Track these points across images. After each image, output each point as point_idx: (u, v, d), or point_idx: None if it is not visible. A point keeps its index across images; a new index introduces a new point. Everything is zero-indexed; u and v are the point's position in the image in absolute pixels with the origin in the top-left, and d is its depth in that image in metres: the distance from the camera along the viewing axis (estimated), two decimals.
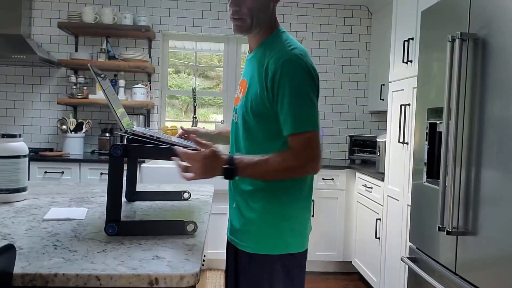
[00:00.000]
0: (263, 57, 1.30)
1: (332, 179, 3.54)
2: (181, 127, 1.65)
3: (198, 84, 4.26)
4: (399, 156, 2.63)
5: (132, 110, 3.87)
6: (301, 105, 1.23)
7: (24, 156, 1.54)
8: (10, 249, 0.80)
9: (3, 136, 1.51)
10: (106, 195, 1.18)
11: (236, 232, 1.37)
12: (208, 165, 1.17)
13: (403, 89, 2.63)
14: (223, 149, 1.29)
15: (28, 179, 2.37)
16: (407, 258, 2.08)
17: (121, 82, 3.73)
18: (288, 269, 1.32)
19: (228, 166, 1.19)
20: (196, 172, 1.17)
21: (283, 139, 1.27)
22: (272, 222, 1.31)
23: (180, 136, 1.62)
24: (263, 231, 1.31)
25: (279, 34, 1.35)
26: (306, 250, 1.39)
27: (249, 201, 1.33)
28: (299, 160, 1.23)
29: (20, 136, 1.55)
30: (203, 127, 1.68)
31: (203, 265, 1.24)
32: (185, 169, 1.18)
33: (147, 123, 3.95)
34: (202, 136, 1.64)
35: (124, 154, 1.16)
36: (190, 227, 1.20)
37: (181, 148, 1.19)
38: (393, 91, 2.82)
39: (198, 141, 1.21)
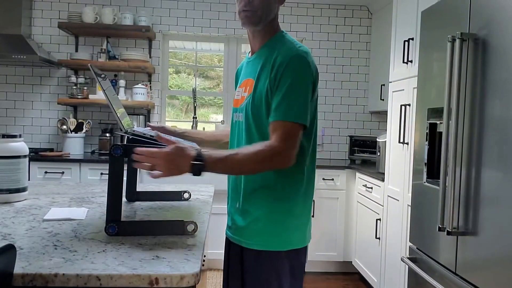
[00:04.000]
0: (270, 55, 1.32)
1: (332, 179, 3.54)
2: (147, 123, 1.62)
3: (198, 84, 4.26)
4: (399, 156, 2.63)
5: (132, 110, 3.87)
6: (297, 97, 1.25)
7: (24, 156, 1.54)
8: (10, 249, 0.80)
9: (4, 136, 1.51)
10: (106, 195, 1.18)
11: (242, 231, 1.36)
12: (174, 161, 1.13)
13: (403, 89, 2.63)
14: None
15: (28, 179, 2.37)
16: (407, 258, 2.08)
17: (121, 82, 3.73)
18: (293, 265, 1.34)
19: (195, 162, 1.14)
20: (161, 170, 1.12)
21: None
22: (279, 219, 1.32)
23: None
24: (271, 228, 1.32)
25: (283, 35, 1.39)
26: (306, 246, 1.41)
27: (256, 199, 1.33)
28: (274, 151, 1.21)
29: (20, 136, 1.55)
30: (186, 129, 1.65)
31: (203, 265, 1.24)
32: (151, 168, 1.13)
33: (147, 123, 3.94)
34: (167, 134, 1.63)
35: (124, 154, 1.16)
36: (190, 227, 1.20)
37: (143, 148, 1.14)
38: (393, 91, 2.82)
39: (163, 137, 1.18)
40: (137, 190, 1.66)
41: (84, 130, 3.72)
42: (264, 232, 1.32)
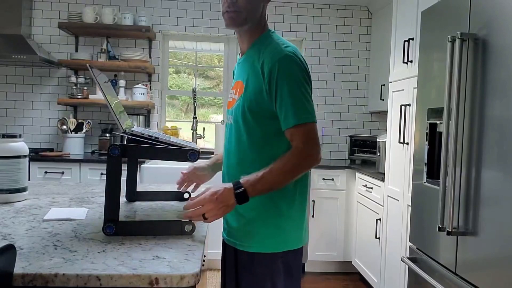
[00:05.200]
0: (257, 56, 1.32)
1: (332, 179, 3.54)
2: (182, 172, 1.61)
3: (198, 84, 4.26)
4: (399, 156, 2.63)
5: (133, 110, 3.88)
6: (301, 98, 1.26)
7: (25, 156, 1.54)
8: (10, 249, 0.80)
9: (4, 136, 1.51)
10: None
11: (235, 233, 1.37)
12: (219, 200, 1.17)
13: (403, 89, 2.63)
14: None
15: (28, 179, 2.37)
16: (407, 258, 2.08)
17: (121, 82, 3.73)
18: (289, 266, 1.34)
19: (237, 191, 1.19)
20: (215, 213, 1.18)
21: (283, 137, 1.29)
22: (273, 220, 1.32)
23: (183, 181, 1.60)
24: (265, 229, 1.32)
25: (269, 34, 1.38)
26: (302, 246, 1.41)
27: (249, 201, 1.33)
28: (301, 154, 1.24)
29: (20, 136, 1.55)
30: (212, 161, 1.65)
31: (203, 265, 1.24)
32: (203, 216, 1.18)
33: (147, 123, 3.95)
34: (202, 170, 1.62)
35: (122, 154, 1.16)
36: (188, 227, 1.20)
37: (189, 202, 1.20)
38: (393, 91, 2.82)
39: (192, 199, 1.21)
40: (137, 190, 1.66)
41: (84, 130, 3.72)
42: (258, 234, 1.32)
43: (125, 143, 1.34)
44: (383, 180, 2.87)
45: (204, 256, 1.43)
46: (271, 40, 1.34)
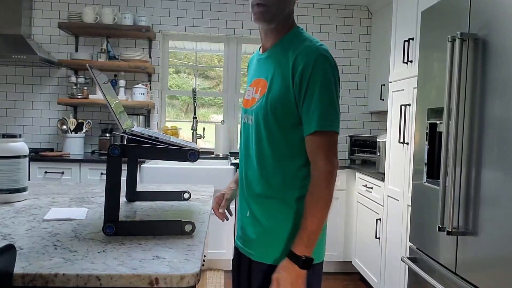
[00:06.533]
0: (285, 53, 1.24)
1: None
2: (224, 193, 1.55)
3: (198, 84, 4.26)
4: (399, 156, 2.63)
5: (133, 110, 3.88)
6: (330, 104, 1.19)
7: (24, 156, 1.54)
8: (10, 249, 0.80)
9: (4, 136, 1.51)
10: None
11: (252, 243, 1.30)
12: (287, 281, 1.16)
13: (403, 89, 2.63)
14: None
15: (28, 179, 2.37)
16: (407, 258, 2.08)
17: (121, 82, 3.73)
18: (308, 281, 1.23)
19: (299, 262, 1.17)
20: None
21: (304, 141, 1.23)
22: (292, 231, 1.24)
23: (219, 203, 1.54)
24: (283, 240, 1.25)
25: (299, 31, 1.30)
26: (323, 260, 1.33)
27: (266, 208, 1.27)
28: (324, 178, 1.18)
29: (20, 136, 1.55)
30: (230, 188, 1.58)
31: (203, 265, 1.24)
32: None
33: (147, 123, 3.95)
34: (233, 195, 1.56)
35: (122, 154, 1.16)
36: (188, 227, 1.19)
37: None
38: (393, 91, 2.82)
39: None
40: (137, 190, 1.66)
41: (84, 130, 3.73)
42: (277, 245, 1.25)
43: (125, 143, 1.34)
44: (383, 180, 2.87)
45: (204, 256, 1.43)
46: (302, 37, 1.26)
